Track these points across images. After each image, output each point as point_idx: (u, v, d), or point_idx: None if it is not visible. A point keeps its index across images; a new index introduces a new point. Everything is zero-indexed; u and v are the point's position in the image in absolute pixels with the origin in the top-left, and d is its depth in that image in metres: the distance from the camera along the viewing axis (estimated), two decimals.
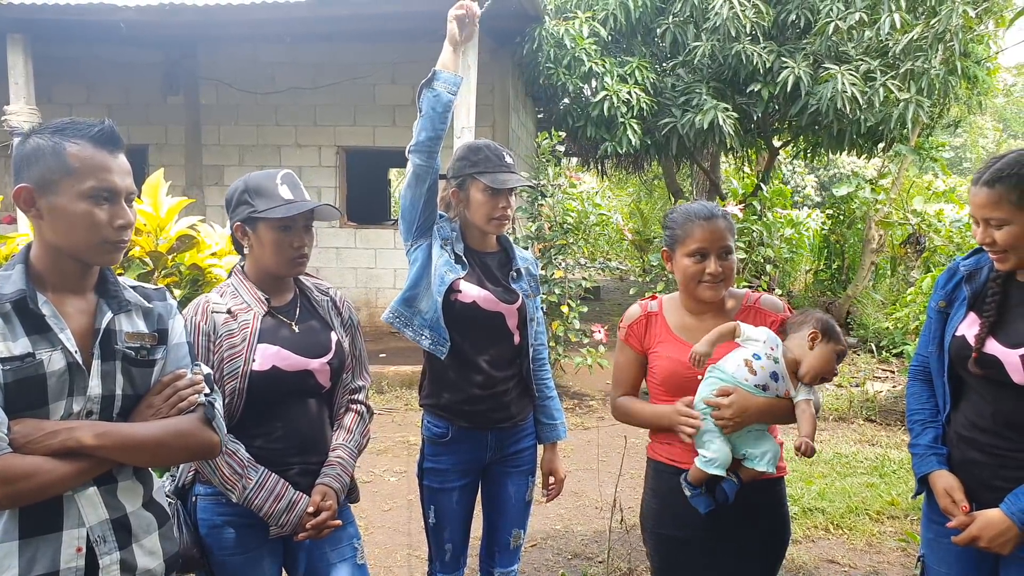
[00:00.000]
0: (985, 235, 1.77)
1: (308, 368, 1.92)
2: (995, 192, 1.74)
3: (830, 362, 1.94)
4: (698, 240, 1.96)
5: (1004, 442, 1.77)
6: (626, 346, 2.12)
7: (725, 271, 1.98)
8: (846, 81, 8.09)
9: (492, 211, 2.27)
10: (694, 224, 1.98)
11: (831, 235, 10.91)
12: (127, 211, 1.44)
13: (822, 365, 1.93)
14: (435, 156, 2.22)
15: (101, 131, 1.41)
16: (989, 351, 1.79)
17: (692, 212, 2.01)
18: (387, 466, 4.94)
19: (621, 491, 3.65)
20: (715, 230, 1.96)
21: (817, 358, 1.93)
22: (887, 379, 7.28)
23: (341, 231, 9.00)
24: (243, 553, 1.87)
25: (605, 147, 9.10)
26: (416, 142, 2.22)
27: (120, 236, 1.43)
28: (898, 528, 3.95)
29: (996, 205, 1.74)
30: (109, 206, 1.41)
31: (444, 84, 2.20)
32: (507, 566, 2.44)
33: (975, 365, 1.80)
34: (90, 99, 9.05)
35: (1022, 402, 1.74)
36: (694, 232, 1.97)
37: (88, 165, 1.39)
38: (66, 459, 1.35)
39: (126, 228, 1.44)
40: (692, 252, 1.97)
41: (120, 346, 1.46)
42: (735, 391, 1.90)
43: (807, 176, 21.04)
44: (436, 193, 2.28)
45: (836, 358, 1.95)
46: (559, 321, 6.42)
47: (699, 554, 2.01)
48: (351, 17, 7.13)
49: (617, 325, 2.20)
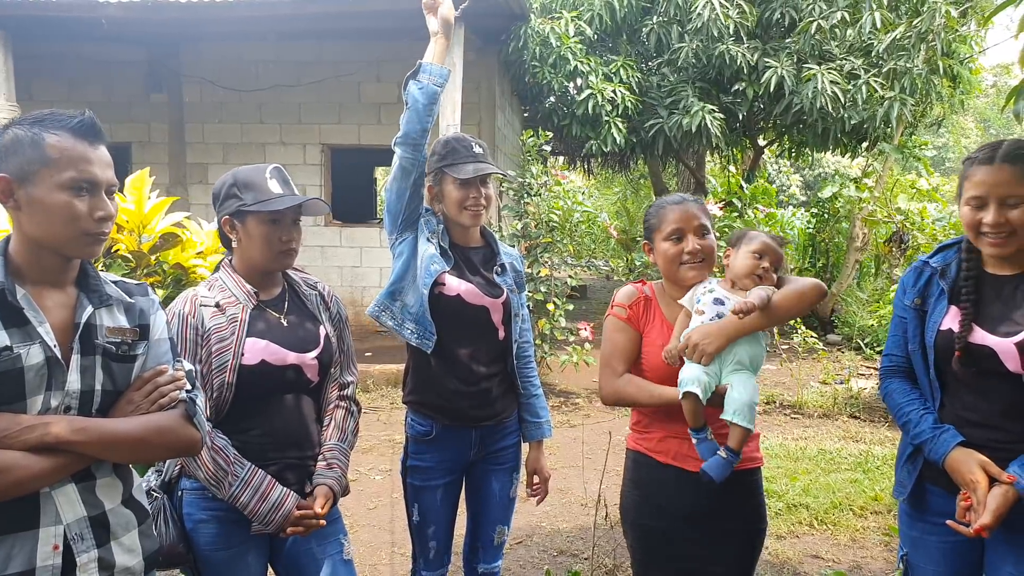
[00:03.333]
0: (999, 215, 1.70)
1: (297, 362, 1.91)
2: (1018, 169, 1.68)
3: (749, 261, 1.99)
4: (673, 222, 2.01)
5: (1002, 434, 1.76)
6: (625, 325, 2.06)
7: (704, 250, 2.01)
8: (827, 80, 8.16)
9: (463, 200, 2.27)
10: (667, 208, 2.05)
11: (816, 234, 10.98)
12: (107, 203, 1.42)
13: (742, 265, 1.99)
14: (421, 149, 2.21)
15: (81, 122, 1.40)
16: (981, 342, 1.77)
17: (664, 200, 2.10)
18: (372, 464, 4.92)
19: (606, 488, 3.66)
20: (687, 210, 2.02)
21: (736, 261, 2.01)
22: (871, 376, 7.34)
23: (326, 229, 8.96)
24: (228, 548, 1.87)
25: (590, 146, 9.12)
26: (402, 134, 2.21)
27: (100, 228, 1.41)
28: (881, 523, 3.99)
29: (1020, 182, 1.68)
30: (89, 198, 1.39)
31: (429, 76, 2.19)
32: (491, 562, 2.44)
33: (961, 359, 1.79)
34: (71, 96, 8.95)
35: (1016, 391, 1.73)
36: (668, 215, 2.03)
37: (68, 156, 1.37)
38: (43, 454, 1.33)
39: (106, 220, 1.42)
40: (669, 235, 2.01)
41: (101, 341, 1.44)
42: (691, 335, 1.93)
43: (792, 175, 21.18)
44: (422, 186, 2.28)
45: (754, 255, 1.99)
46: (545, 319, 6.44)
47: (678, 544, 2.01)
48: (336, 15, 7.10)
49: (603, 319, 2.19)
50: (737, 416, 1.87)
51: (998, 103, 22.43)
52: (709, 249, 2.02)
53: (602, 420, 5.99)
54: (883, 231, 9.61)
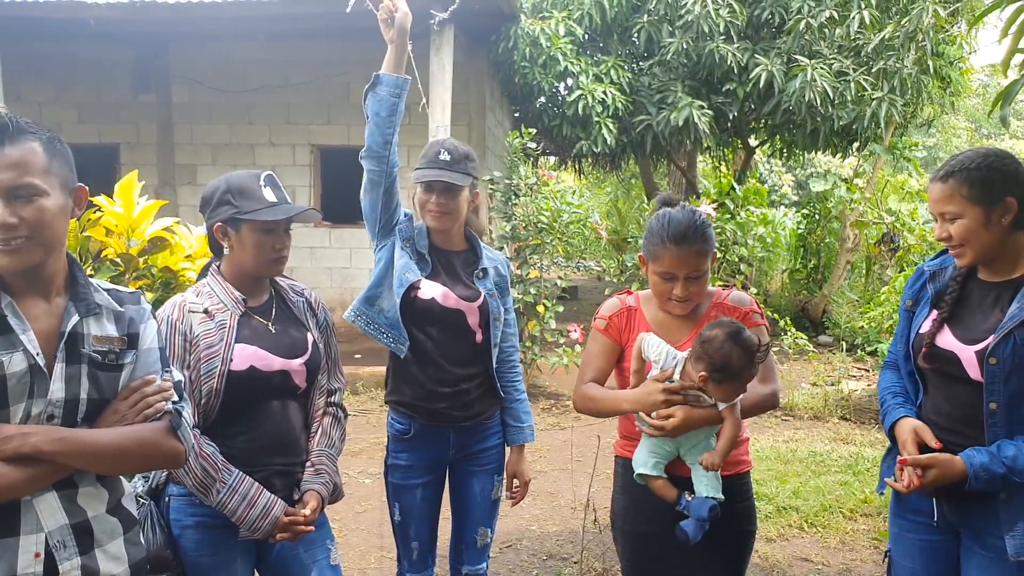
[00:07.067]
0: (942, 230, 1.82)
1: (285, 368, 1.92)
2: (948, 186, 1.78)
3: (732, 394, 1.88)
4: (666, 265, 1.96)
5: (961, 439, 1.79)
6: (603, 336, 2.10)
7: (692, 295, 1.98)
8: (816, 75, 8.16)
9: (423, 204, 2.31)
10: (665, 248, 1.95)
11: (807, 234, 11.02)
12: (1, 210, 1.33)
13: (724, 397, 1.88)
14: (385, 160, 2.22)
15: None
16: (945, 346, 1.82)
17: (668, 233, 1.95)
18: (361, 468, 4.90)
19: (595, 491, 3.65)
20: (684, 258, 1.94)
21: (716, 394, 1.88)
22: (861, 378, 7.37)
23: (316, 231, 8.91)
24: (215, 554, 1.87)
25: (580, 146, 9.12)
26: (366, 148, 2.22)
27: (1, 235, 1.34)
28: (871, 526, 4.00)
29: (949, 199, 1.78)
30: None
31: (386, 87, 2.19)
32: (475, 564, 2.45)
33: (925, 359, 1.85)
34: (60, 97, 8.89)
35: (978, 398, 1.76)
36: (663, 256, 1.96)
37: None
38: (20, 465, 1.32)
39: (3, 228, 1.33)
40: (661, 273, 1.98)
41: (87, 349, 1.42)
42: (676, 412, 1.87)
43: (784, 175, 21.26)
44: (394, 195, 2.30)
45: (737, 387, 1.87)
46: (535, 321, 6.43)
47: (668, 550, 2.02)
48: (324, 14, 7.06)
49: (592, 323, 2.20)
50: (711, 490, 1.91)
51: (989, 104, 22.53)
52: (697, 293, 1.99)
53: (592, 423, 5.99)
54: (874, 232, 9.65)
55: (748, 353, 1.84)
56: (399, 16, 2.20)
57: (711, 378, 1.85)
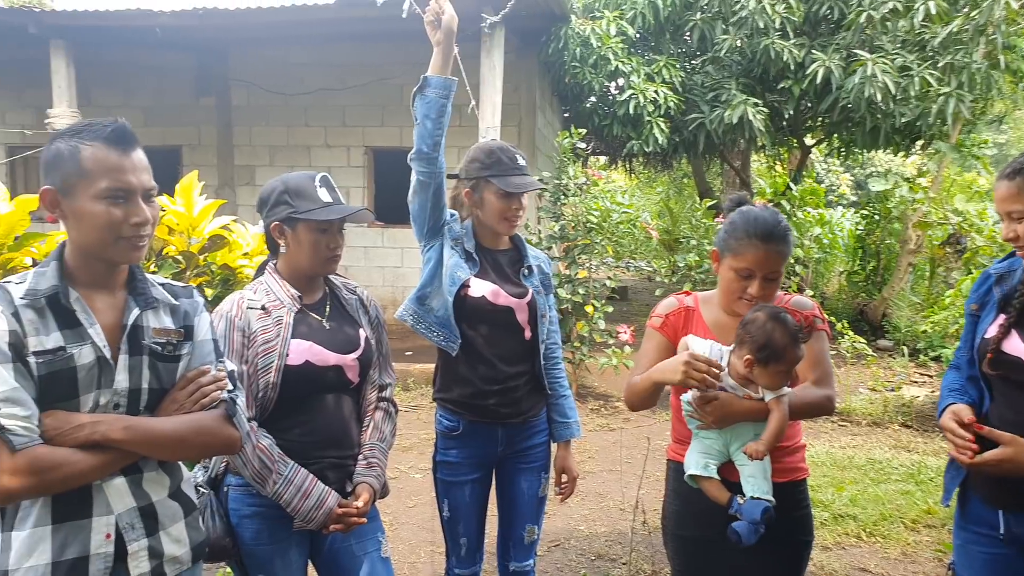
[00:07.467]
0: (1009, 229, 1.77)
1: (339, 363, 1.97)
2: (1015, 184, 1.74)
3: (778, 379, 1.83)
4: (749, 261, 1.89)
5: None
6: (658, 334, 2.05)
7: (767, 295, 1.92)
8: (877, 70, 7.88)
9: (505, 212, 2.33)
10: (750, 243, 1.89)
11: (866, 235, 10.69)
12: (143, 208, 1.45)
13: (770, 383, 1.84)
14: (435, 162, 2.24)
15: (113, 131, 1.43)
16: (1012, 352, 1.76)
17: (754, 229, 1.89)
18: (412, 463, 4.96)
19: (645, 493, 3.62)
20: (767, 256, 1.88)
21: (761, 379, 1.84)
22: (924, 384, 7.11)
23: (369, 231, 9.06)
24: (271, 544, 1.92)
25: (631, 145, 9.04)
26: (415, 150, 2.24)
27: (137, 233, 1.45)
28: (935, 538, 3.85)
29: (1016, 197, 1.73)
30: (125, 204, 1.43)
31: (435, 89, 2.20)
32: (522, 561, 2.46)
33: (990, 365, 1.78)
34: (127, 102, 9.24)
35: None
36: (745, 252, 1.89)
37: (101, 166, 1.41)
38: (92, 451, 1.40)
39: (142, 225, 1.46)
40: (739, 269, 1.91)
41: (147, 341, 1.50)
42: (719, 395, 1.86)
43: (842, 174, 20.66)
44: (442, 196, 2.31)
45: (783, 371, 1.83)
46: (583, 321, 6.39)
47: (720, 555, 1.98)
48: (378, 17, 7.17)
49: (645, 325, 2.17)
50: (759, 491, 1.87)
51: None
52: (771, 293, 1.94)
53: (642, 424, 5.93)
54: (938, 233, 9.30)
55: (790, 331, 1.80)
56: (445, 18, 2.21)
57: (756, 360, 1.81)
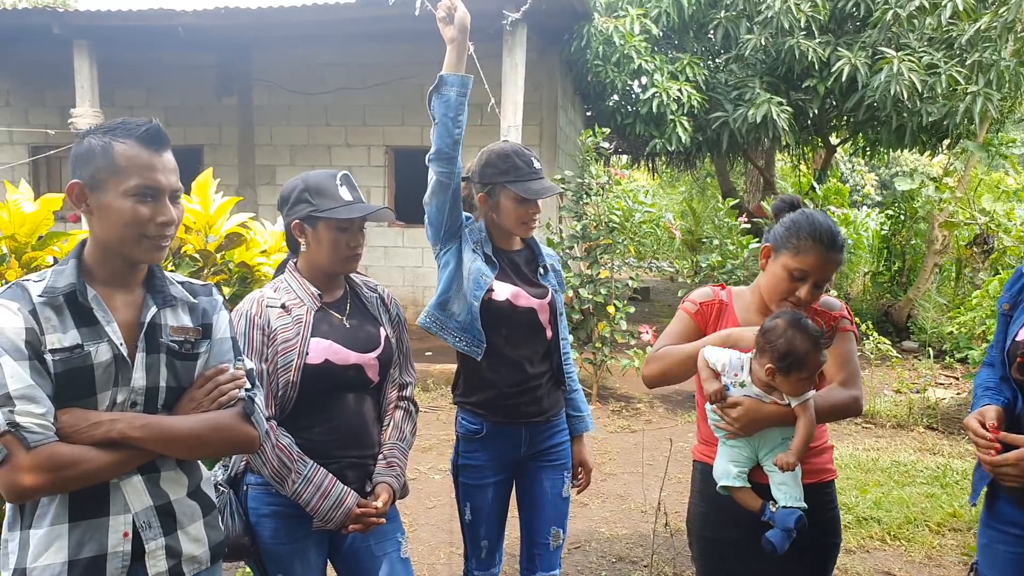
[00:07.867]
0: None
1: (359, 362, 1.96)
2: None
3: (801, 386, 1.80)
4: (808, 264, 1.84)
5: None
6: (689, 318, 2.02)
7: (813, 300, 1.88)
8: (904, 68, 7.75)
9: (523, 217, 2.31)
10: (814, 246, 1.84)
11: (891, 236, 10.52)
12: (169, 209, 1.46)
13: (793, 390, 1.80)
14: (455, 161, 2.21)
15: (147, 130, 1.44)
16: None
17: (818, 233, 1.84)
18: (432, 464, 4.95)
19: (666, 495, 3.57)
20: (828, 262, 1.85)
21: (784, 386, 1.81)
22: (950, 385, 6.99)
23: (389, 230, 9.07)
24: (290, 543, 1.91)
25: (654, 144, 8.97)
26: (434, 151, 2.21)
27: (161, 232, 1.45)
28: (960, 542, 3.78)
29: None
30: (153, 203, 1.44)
31: (453, 87, 2.18)
32: (548, 569, 2.40)
33: (1019, 370, 1.74)
34: (149, 102, 9.33)
35: None
36: (807, 254, 1.84)
37: (134, 164, 1.42)
38: (108, 449, 1.39)
39: (168, 225, 1.46)
40: (795, 270, 1.85)
41: (165, 339, 1.49)
42: (743, 401, 1.83)
43: (867, 174, 20.41)
44: (459, 197, 2.28)
45: (806, 377, 1.79)
46: (605, 322, 6.34)
47: (745, 558, 1.95)
48: (397, 17, 7.18)
49: (665, 326, 2.14)
50: (790, 499, 1.84)
51: None
52: (817, 300, 1.91)
53: (663, 426, 5.88)
54: (965, 233, 9.13)
55: (811, 338, 1.76)
56: (458, 14, 2.19)
57: (777, 369, 1.77)
